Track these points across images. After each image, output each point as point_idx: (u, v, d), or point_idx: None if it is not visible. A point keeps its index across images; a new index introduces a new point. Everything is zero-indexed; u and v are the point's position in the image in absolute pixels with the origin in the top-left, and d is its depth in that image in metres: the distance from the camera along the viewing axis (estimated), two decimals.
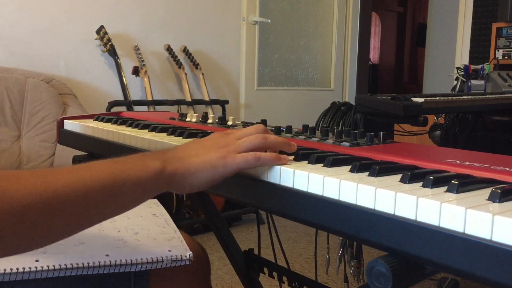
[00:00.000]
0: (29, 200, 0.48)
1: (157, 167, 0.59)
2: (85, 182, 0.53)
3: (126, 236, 0.90)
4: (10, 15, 2.48)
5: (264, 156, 0.65)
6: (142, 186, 0.58)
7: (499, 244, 0.42)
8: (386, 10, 7.97)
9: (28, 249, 0.51)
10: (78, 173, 0.54)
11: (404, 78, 8.29)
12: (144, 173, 0.58)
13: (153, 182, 0.59)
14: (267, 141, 0.68)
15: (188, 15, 3.11)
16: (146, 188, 0.59)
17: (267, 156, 0.65)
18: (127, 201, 0.58)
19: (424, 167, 0.63)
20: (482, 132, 1.84)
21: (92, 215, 0.55)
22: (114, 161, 0.59)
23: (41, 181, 0.50)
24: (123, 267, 0.81)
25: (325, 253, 1.51)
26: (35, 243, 0.51)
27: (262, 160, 0.65)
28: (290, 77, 3.74)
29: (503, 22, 3.14)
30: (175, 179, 0.61)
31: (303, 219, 0.59)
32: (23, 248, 0.51)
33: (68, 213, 0.52)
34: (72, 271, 0.78)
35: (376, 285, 0.49)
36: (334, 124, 1.40)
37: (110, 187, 0.55)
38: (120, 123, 1.09)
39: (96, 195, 0.54)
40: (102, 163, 0.57)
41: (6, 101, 2.27)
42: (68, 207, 0.51)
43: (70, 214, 0.52)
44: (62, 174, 0.53)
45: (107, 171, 0.56)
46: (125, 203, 0.58)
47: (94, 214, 0.55)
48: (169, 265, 0.84)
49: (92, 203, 0.54)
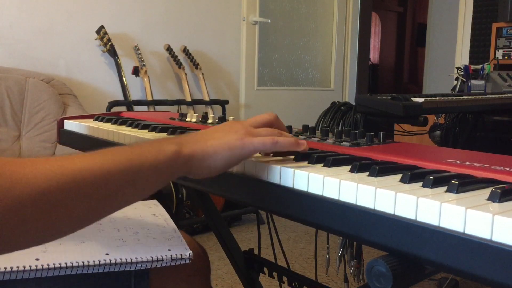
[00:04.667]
0: (47, 185, 0.47)
1: (174, 150, 0.59)
2: (103, 166, 0.52)
3: (126, 236, 0.90)
4: (10, 15, 2.48)
5: (282, 140, 0.65)
6: (159, 170, 0.58)
7: (499, 244, 0.42)
8: (386, 10, 7.97)
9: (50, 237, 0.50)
10: (95, 157, 0.53)
11: (404, 78, 8.29)
12: (161, 156, 0.57)
13: (170, 165, 0.58)
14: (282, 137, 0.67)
15: (188, 15, 3.11)
16: (163, 171, 0.58)
17: (285, 140, 0.65)
18: (145, 185, 0.57)
19: (424, 167, 0.63)
20: (482, 132, 1.84)
21: (112, 200, 0.54)
22: (130, 146, 0.59)
23: (58, 165, 0.49)
24: (123, 265, 0.81)
25: (325, 253, 1.51)
26: (56, 230, 0.50)
27: (280, 144, 0.65)
28: (290, 77, 3.74)
29: (503, 22, 3.14)
30: (193, 162, 0.61)
31: (303, 219, 0.59)
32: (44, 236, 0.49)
33: (87, 198, 0.50)
34: (73, 270, 0.78)
35: (376, 285, 0.49)
36: (334, 124, 1.39)
37: (127, 171, 0.54)
38: (120, 123, 1.09)
39: (115, 179, 0.53)
40: (119, 149, 0.57)
41: (6, 101, 2.27)
42: (87, 191, 0.50)
43: (90, 199, 0.51)
44: (79, 159, 0.52)
45: (124, 156, 0.55)
46: (143, 187, 0.57)
47: (114, 199, 0.54)
48: (169, 264, 0.84)
49: (111, 187, 0.53)
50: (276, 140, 0.64)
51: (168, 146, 0.59)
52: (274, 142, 0.64)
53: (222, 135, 0.64)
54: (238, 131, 0.65)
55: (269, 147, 0.64)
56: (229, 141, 0.63)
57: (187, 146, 0.61)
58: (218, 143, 0.63)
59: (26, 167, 0.47)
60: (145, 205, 1.11)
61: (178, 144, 0.60)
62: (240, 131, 0.65)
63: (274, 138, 0.64)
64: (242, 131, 0.65)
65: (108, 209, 0.55)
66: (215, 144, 0.62)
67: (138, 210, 1.06)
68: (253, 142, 0.64)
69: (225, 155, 0.63)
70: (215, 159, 0.62)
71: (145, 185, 0.57)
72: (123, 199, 0.56)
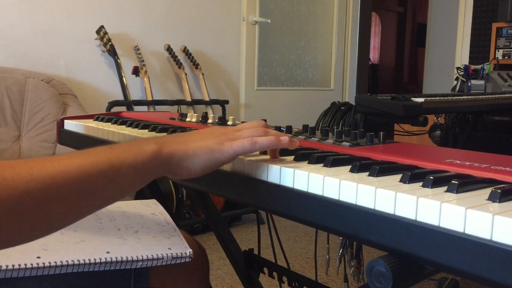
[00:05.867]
0: (25, 187, 0.47)
1: (154, 149, 0.59)
2: (82, 167, 0.52)
3: (126, 234, 0.90)
4: (10, 15, 2.48)
5: (261, 140, 0.65)
6: (139, 169, 0.58)
7: (499, 244, 0.42)
8: (386, 10, 7.97)
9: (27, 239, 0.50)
10: (74, 159, 0.53)
11: (404, 78, 8.30)
12: (140, 156, 0.58)
13: (150, 164, 0.59)
14: (267, 134, 0.68)
15: (188, 15, 3.11)
16: (143, 170, 0.59)
17: (264, 139, 0.65)
18: (125, 185, 0.57)
19: (424, 167, 0.63)
20: (482, 132, 1.84)
21: (91, 201, 0.54)
22: (110, 146, 0.59)
23: (38, 168, 0.49)
24: (124, 264, 0.81)
25: (325, 253, 1.51)
26: (34, 232, 0.50)
27: (260, 144, 0.65)
28: (290, 77, 3.74)
29: (503, 22, 3.14)
30: (172, 162, 0.62)
31: (303, 219, 0.59)
32: (22, 238, 0.50)
33: (66, 199, 0.51)
34: (74, 268, 0.78)
35: (376, 285, 0.49)
36: (334, 124, 1.39)
37: (107, 170, 0.54)
38: (120, 123, 1.09)
39: (94, 179, 0.53)
40: (98, 149, 0.57)
41: (6, 101, 2.27)
42: (66, 193, 0.51)
43: (68, 200, 0.51)
44: (58, 161, 0.52)
45: (103, 155, 0.55)
46: (123, 187, 0.57)
47: (93, 200, 0.54)
48: (169, 262, 0.84)
49: (90, 188, 0.53)
50: (255, 141, 0.65)
51: (148, 146, 0.60)
52: (253, 143, 0.64)
53: (204, 137, 0.65)
54: (220, 135, 0.66)
55: (248, 148, 0.65)
56: (209, 144, 0.64)
57: (168, 146, 0.61)
58: (198, 145, 0.63)
59: (6, 170, 0.47)
60: (144, 205, 1.11)
61: (158, 144, 0.61)
62: (222, 136, 0.66)
63: (253, 139, 0.65)
64: (224, 136, 0.66)
65: (88, 209, 0.55)
66: (195, 146, 0.63)
67: (138, 209, 1.06)
68: (232, 146, 0.64)
69: (205, 157, 0.63)
70: (194, 161, 0.63)
71: (124, 184, 0.57)
72: (103, 199, 0.56)
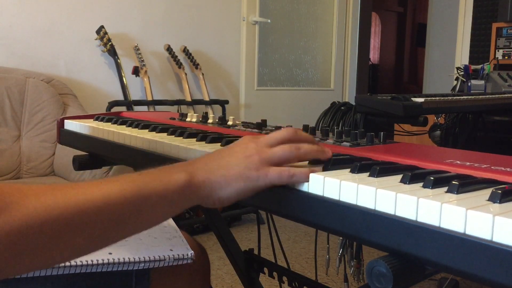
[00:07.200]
0: (49, 216, 0.46)
1: (184, 179, 0.56)
2: (109, 195, 0.51)
3: None
4: (10, 15, 2.48)
5: (299, 174, 0.60)
6: (168, 199, 0.55)
7: (499, 245, 0.42)
8: (386, 10, 7.97)
9: (48, 264, 0.49)
10: (100, 186, 0.51)
11: (404, 78, 8.30)
12: (171, 185, 0.55)
13: (180, 194, 0.56)
14: (301, 152, 0.63)
15: (188, 15, 3.11)
16: (173, 201, 0.56)
17: (301, 174, 0.60)
18: (152, 215, 0.55)
19: (424, 168, 0.63)
20: (482, 132, 1.84)
21: (116, 231, 0.52)
22: (139, 173, 0.56)
23: (62, 195, 0.48)
24: (126, 265, 0.81)
25: (325, 253, 1.51)
26: (55, 259, 0.49)
27: (296, 178, 0.60)
28: (290, 77, 3.74)
29: (503, 22, 3.14)
30: (203, 193, 0.58)
31: (303, 219, 0.59)
32: (43, 263, 0.49)
33: (90, 228, 0.49)
34: (76, 269, 0.78)
35: (376, 285, 0.49)
36: (334, 124, 1.39)
37: (134, 200, 0.52)
38: (120, 123, 1.09)
39: (120, 209, 0.51)
40: (127, 176, 0.55)
41: (6, 101, 2.27)
42: (90, 222, 0.49)
43: (93, 229, 0.50)
44: (84, 188, 0.50)
45: (131, 184, 0.53)
46: (150, 218, 0.55)
47: (118, 230, 0.52)
48: (171, 264, 0.84)
49: (116, 218, 0.51)
50: (293, 173, 0.60)
51: (178, 175, 0.57)
52: (290, 175, 0.60)
53: (235, 162, 0.60)
54: (252, 155, 0.61)
55: (285, 181, 0.60)
56: (242, 173, 0.59)
57: (198, 175, 0.58)
58: (230, 173, 0.59)
59: (28, 199, 0.46)
60: None
61: (189, 173, 0.57)
62: (255, 156, 0.61)
63: (291, 171, 0.60)
64: (256, 156, 0.61)
65: (112, 240, 0.53)
66: (227, 174, 0.59)
67: None
68: (268, 175, 0.60)
69: (237, 186, 0.59)
70: (227, 190, 0.59)
71: (152, 215, 0.55)
72: (128, 229, 0.54)
